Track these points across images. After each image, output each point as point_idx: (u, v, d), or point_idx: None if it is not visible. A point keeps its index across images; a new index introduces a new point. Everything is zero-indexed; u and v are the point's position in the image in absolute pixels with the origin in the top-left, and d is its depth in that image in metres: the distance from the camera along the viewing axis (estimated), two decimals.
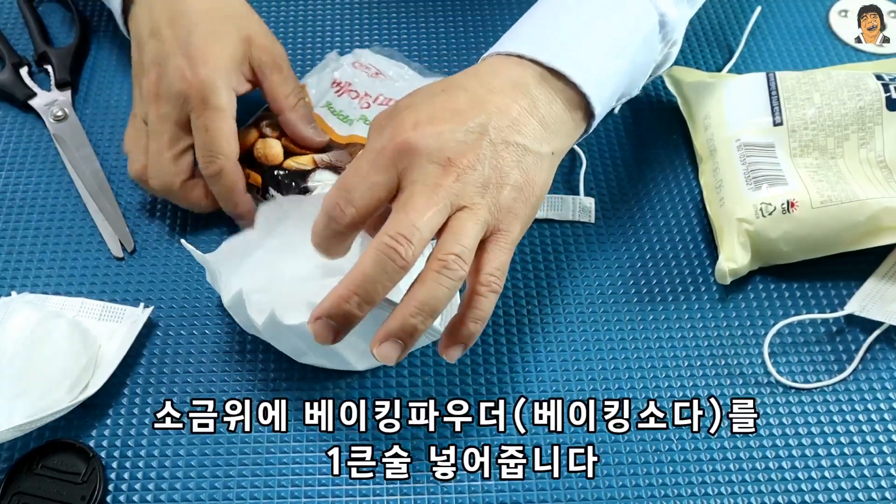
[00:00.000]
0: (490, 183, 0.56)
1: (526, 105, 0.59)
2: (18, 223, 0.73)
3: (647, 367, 0.66)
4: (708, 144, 0.76)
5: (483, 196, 0.56)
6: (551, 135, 0.60)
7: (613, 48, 0.64)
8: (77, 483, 0.60)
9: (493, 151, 0.56)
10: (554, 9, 0.65)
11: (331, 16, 0.89)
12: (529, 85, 0.60)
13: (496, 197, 0.56)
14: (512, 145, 0.57)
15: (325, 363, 0.64)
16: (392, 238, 0.53)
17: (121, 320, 0.67)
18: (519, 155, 0.57)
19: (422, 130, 0.56)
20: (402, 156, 0.55)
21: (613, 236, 0.73)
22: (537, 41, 0.62)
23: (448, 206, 0.55)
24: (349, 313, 0.53)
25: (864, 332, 0.68)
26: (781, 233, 0.68)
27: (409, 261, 0.53)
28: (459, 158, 0.55)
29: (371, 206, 0.56)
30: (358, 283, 0.53)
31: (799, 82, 0.75)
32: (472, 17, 0.89)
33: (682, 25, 0.69)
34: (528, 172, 0.58)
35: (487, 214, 0.56)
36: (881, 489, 0.61)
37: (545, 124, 0.59)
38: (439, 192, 0.54)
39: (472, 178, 0.55)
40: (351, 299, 0.53)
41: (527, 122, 0.58)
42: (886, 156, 0.71)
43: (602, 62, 0.63)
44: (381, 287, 0.53)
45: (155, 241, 0.72)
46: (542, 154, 0.59)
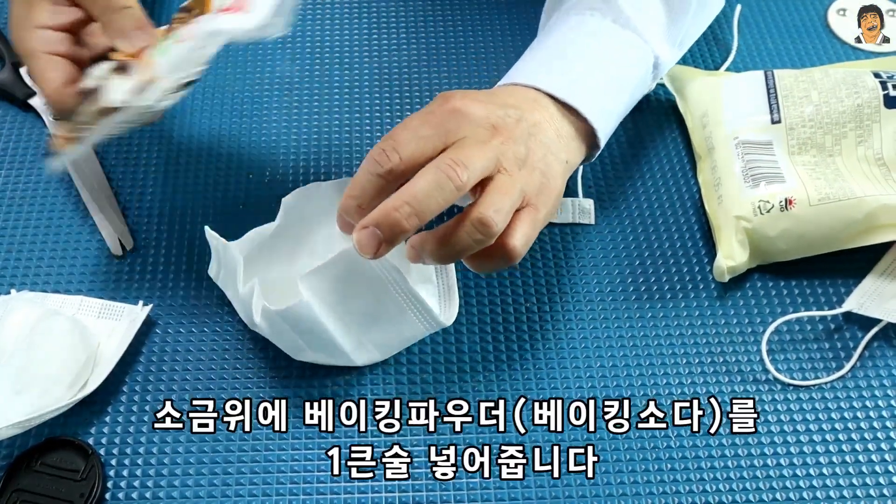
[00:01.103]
0: (526, 162, 0.58)
1: (545, 116, 0.63)
2: (18, 221, 0.73)
3: (647, 365, 0.66)
4: (706, 142, 0.76)
5: (520, 169, 0.58)
6: (564, 145, 0.63)
7: (616, 87, 0.68)
8: (76, 480, 0.60)
9: (527, 137, 0.59)
10: (562, 45, 0.68)
11: (330, 15, 0.89)
12: (546, 105, 0.63)
13: (529, 175, 0.58)
14: (539, 140, 0.60)
15: (322, 358, 0.64)
16: (452, 160, 0.54)
17: (120, 318, 0.67)
18: (544, 150, 0.60)
19: (470, 102, 0.58)
20: (451, 116, 0.57)
21: (611, 235, 0.73)
22: (548, 76, 0.65)
23: (494, 160, 0.56)
24: (397, 223, 0.53)
25: (863, 329, 0.68)
26: (779, 230, 0.68)
27: (465, 184, 0.54)
28: (503, 129, 0.58)
29: (415, 158, 0.56)
30: (412, 195, 0.53)
31: (797, 80, 0.75)
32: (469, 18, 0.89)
33: (671, 66, 0.75)
34: (551, 168, 0.60)
35: (522, 185, 0.57)
36: (879, 486, 0.61)
37: (560, 135, 0.63)
38: (488, 146, 0.56)
39: (513, 149, 0.58)
40: (402, 208, 0.53)
41: (547, 128, 0.62)
42: (884, 153, 0.71)
43: (606, 99, 0.67)
44: (434, 203, 0.53)
45: (154, 240, 0.72)
46: (559, 159, 0.61)
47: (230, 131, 0.79)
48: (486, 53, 0.85)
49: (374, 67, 0.85)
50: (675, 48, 0.72)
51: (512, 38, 0.86)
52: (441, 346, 0.67)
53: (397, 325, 0.62)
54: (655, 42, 0.69)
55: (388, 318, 0.62)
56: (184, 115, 0.80)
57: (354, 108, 0.81)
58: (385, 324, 0.62)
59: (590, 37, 0.68)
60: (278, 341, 0.64)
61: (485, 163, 0.55)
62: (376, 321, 0.62)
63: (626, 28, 0.68)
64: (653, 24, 0.69)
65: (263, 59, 0.85)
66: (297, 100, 0.82)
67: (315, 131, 0.80)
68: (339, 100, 0.82)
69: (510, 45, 0.86)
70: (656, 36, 0.70)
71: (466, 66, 0.84)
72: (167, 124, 0.80)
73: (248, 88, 0.83)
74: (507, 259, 0.57)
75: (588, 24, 0.68)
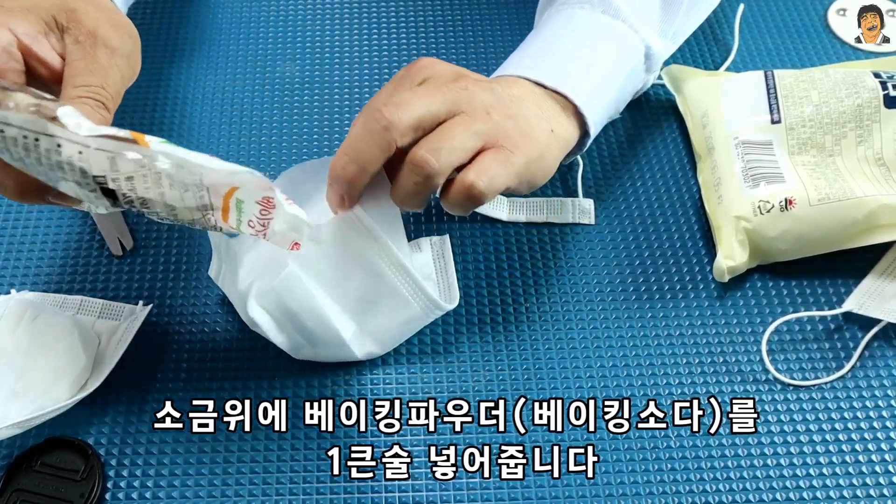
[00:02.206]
0: (495, 109, 0.59)
1: (525, 92, 0.63)
2: (18, 221, 0.73)
3: (647, 365, 0.66)
4: (706, 142, 0.76)
5: (487, 114, 0.58)
6: (547, 116, 0.63)
7: (602, 73, 0.68)
8: (76, 480, 0.60)
9: (499, 93, 0.60)
10: (550, 38, 0.69)
11: (330, 15, 0.89)
12: (529, 87, 0.64)
13: (499, 120, 0.59)
14: (514, 100, 0.61)
15: (321, 354, 0.64)
16: (382, 102, 0.56)
17: (120, 318, 0.67)
18: (520, 108, 0.61)
19: (441, 62, 0.61)
20: (420, 70, 0.60)
21: (611, 235, 0.73)
22: (537, 67, 0.65)
23: (447, 102, 0.57)
24: (341, 174, 0.57)
25: (863, 329, 0.68)
26: (779, 230, 0.68)
27: (393, 123, 0.55)
28: (469, 77, 0.59)
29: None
30: (346, 143, 0.57)
31: (797, 80, 0.75)
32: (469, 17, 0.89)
33: (664, 58, 0.74)
34: (530, 122, 0.60)
35: (483, 125, 0.58)
36: (879, 486, 0.61)
37: (542, 108, 0.63)
38: (443, 90, 0.58)
39: (479, 96, 0.59)
40: (340, 160, 0.56)
41: (526, 99, 0.62)
42: (884, 153, 0.71)
43: (593, 87, 0.66)
44: (366, 147, 0.56)
45: (154, 240, 0.72)
46: (542, 122, 0.62)
47: (230, 131, 0.79)
48: (486, 53, 0.85)
49: (374, 67, 0.85)
50: (669, 40, 0.72)
51: (512, 38, 0.86)
52: (441, 346, 0.67)
53: (393, 307, 0.62)
54: (646, 32, 0.69)
55: (382, 299, 0.62)
56: (184, 115, 0.80)
57: (354, 108, 0.81)
58: (380, 307, 0.62)
59: (577, 28, 0.68)
60: (277, 337, 0.63)
61: (430, 104, 0.56)
62: (371, 305, 0.62)
63: (617, 18, 0.68)
64: (644, 14, 0.69)
65: (264, 59, 0.85)
66: (298, 100, 0.82)
67: (315, 131, 0.80)
68: (340, 100, 0.82)
69: (510, 45, 0.85)
70: (647, 26, 0.69)
71: (466, 66, 0.84)
72: (167, 124, 0.80)
73: (248, 89, 0.83)
74: (466, 196, 0.57)
75: (577, 17, 0.69)
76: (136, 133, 0.51)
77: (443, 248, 0.68)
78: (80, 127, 0.50)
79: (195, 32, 0.87)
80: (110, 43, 0.59)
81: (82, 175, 0.52)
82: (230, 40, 0.87)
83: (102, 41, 0.59)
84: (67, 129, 0.50)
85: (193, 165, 0.51)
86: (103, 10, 0.61)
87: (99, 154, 0.51)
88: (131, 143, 0.51)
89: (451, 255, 0.68)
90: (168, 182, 0.52)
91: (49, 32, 0.59)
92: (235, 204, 0.53)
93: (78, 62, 0.58)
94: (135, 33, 0.63)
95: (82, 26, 0.59)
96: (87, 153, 0.51)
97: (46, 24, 0.58)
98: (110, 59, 0.59)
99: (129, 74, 0.61)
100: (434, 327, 0.68)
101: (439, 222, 0.73)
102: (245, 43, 0.86)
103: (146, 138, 0.51)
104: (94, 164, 0.51)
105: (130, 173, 0.52)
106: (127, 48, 0.60)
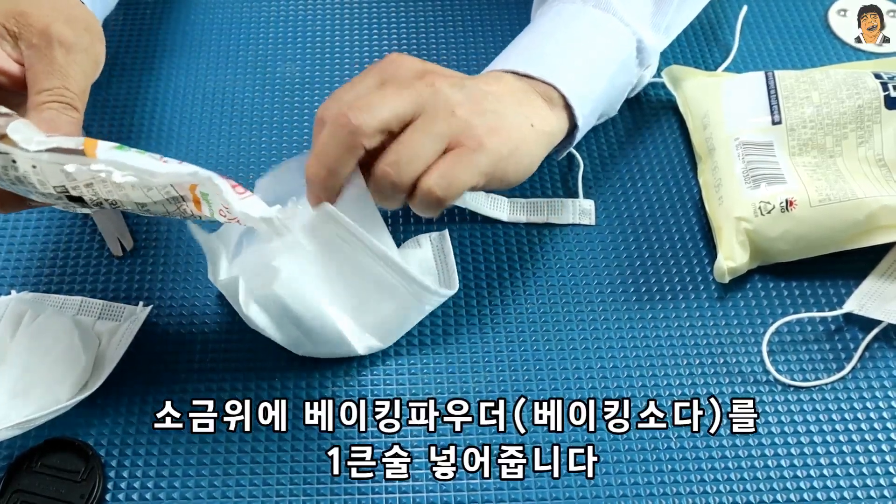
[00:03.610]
0: (461, 106, 0.58)
1: (504, 88, 0.63)
2: (18, 221, 0.73)
3: (647, 366, 0.66)
4: (707, 143, 0.76)
5: (452, 111, 0.58)
6: (527, 110, 0.63)
7: (589, 64, 0.68)
8: (76, 481, 0.60)
9: (472, 89, 0.60)
10: (539, 32, 0.69)
11: (330, 15, 0.89)
12: (509, 80, 0.64)
13: (465, 118, 0.58)
14: (491, 95, 0.61)
15: (322, 350, 0.64)
16: (347, 106, 0.56)
17: (120, 319, 0.67)
18: (495, 103, 0.60)
19: (410, 57, 0.61)
20: (388, 64, 0.60)
21: (612, 236, 0.73)
22: (524, 60, 0.66)
23: (412, 103, 0.57)
24: (314, 178, 0.57)
25: (863, 330, 0.68)
26: (780, 231, 0.68)
27: (359, 127, 0.55)
28: (440, 72, 0.59)
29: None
30: (317, 150, 0.57)
31: (798, 81, 0.75)
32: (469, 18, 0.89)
33: (657, 52, 0.74)
34: (504, 118, 0.60)
35: (445, 126, 0.57)
36: (880, 487, 0.61)
37: (521, 103, 0.63)
38: (408, 89, 0.57)
39: (444, 93, 0.58)
40: (312, 165, 0.57)
41: (502, 95, 0.62)
42: (885, 154, 0.71)
43: (580, 76, 0.66)
44: (333, 151, 0.56)
45: (154, 240, 0.72)
46: (519, 116, 0.62)
47: (230, 131, 0.79)
48: (487, 53, 0.85)
49: None
50: (662, 33, 0.72)
51: (512, 38, 0.86)
52: (441, 346, 0.67)
53: (382, 295, 0.62)
54: (638, 25, 0.69)
55: (371, 289, 0.62)
56: (184, 115, 0.80)
57: None
58: (371, 298, 0.62)
59: (567, 21, 0.68)
60: (277, 334, 0.63)
61: (396, 106, 0.56)
62: (362, 298, 0.62)
63: (607, 11, 0.68)
64: (636, 8, 0.70)
65: (264, 59, 0.85)
66: (298, 100, 0.82)
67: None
68: None
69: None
70: (639, 20, 0.69)
71: (466, 66, 0.84)
72: (167, 124, 0.80)
73: (248, 89, 0.83)
74: (426, 201, 0.57)
75: (567, 11, 0.69)
76: (89, 140, 0.51)
77: (442, 243, 0.68)
78: (29, 142, 0.50)
79: (195, 32, 0.87)
80: (65, 40, 0.58)
81: (42, 186, 0.52)
82: (230, 40, 0.87)
83: (57, 40, 0.58)
84: (17, 144, 0.50)
85: (141, 172, 0.51)
86: (57, 6, 0.60)
87: (52, 167, 0.51)
88: (78, 155, 0.51)
89: (451, 249, 0.67)
90: (130, 185, 0.52)
91: (1, 40, 0.58)
92: (202, 196, 0.54)
93: (36, 66, 0.57)
94: (94, 24, 0.61)
95: (33, 28, 0.58)
96: (41, 167, 0.52)
97: None
98: (67, 57, 0.58)
99: (92, 68, 0.60)
100: (434, 327, 0.68)
101: (439, 221, 0.73)
102: (245, 43, 0.86)
103: (97, 147, 0.51)
104: (50, 176, 0.52)
105: (88, 180, 0.52)
106: (83, 42, 0.59)
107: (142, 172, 0.52)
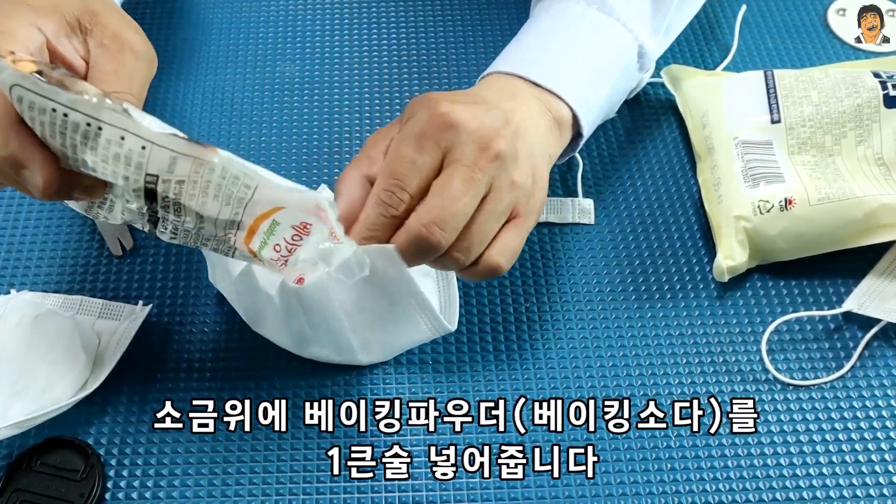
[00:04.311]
0: (516, 169, 0.58)
1: (525, 113, 0.62)
2: (18, 221, 0.73)
3: (647, 365, 0.66)
4: (706, 142, 0.76)
5: (512, 182, 0.58)
6: (545, 140, 0.63)
7: (597, 73, 0.67)
8: (76, 480, 0.60)
9: (514, 139, 0.59)
10: (542, 32, 0.69)
11: (330, 15, 0.89)
12: (526, 98, 0.63)
13: (520, 185, 0.58)
14: (525, 140, 0.60)
15: (326, 354, 0.64)
16: (426, 228, 0.54)
17: (120, 318, 0.67)
18: (530, 149, 0.60)
19: (459, 109, 0.57)
20: (444, 132, 0.56)
21: (611, 235, 0.73)
22: (529, 63, 0.65)
23: (483, 188, 0.56)
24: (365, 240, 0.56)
25: (862, 329, 0.68)
26: (779, 230, 0.68)
27: (443, 247, 0.55)
28: (495, 141, 0.57)
29: (421, 188, 0.56)
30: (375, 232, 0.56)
31: (797, 80, 0.75)
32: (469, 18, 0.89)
33: (657, 55, 0.74)
34: (538, 168, 0.60)
35: (508, 201, 0.57)
36: (879, 486, 0.61)
37: (540, 131, 0.62)
38: (477, 176, 0.56)
39: (507, 165, 0.57)
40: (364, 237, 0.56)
41: (530, 125, 0.61)
42: (884, 153, 0.71)
43: (586, 85, 0.66)
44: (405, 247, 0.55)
45: (154, 240, 0.72)
46: (544, 155, 0.62)
47: (230, 131, 0.79)
48: (487, 53, 0.85)
49: (374, 67, 0.85)
50: (661, 36, 0.72)
51: (512, 37, 0.86)
52: (441, 346, 0.67)
53: (405, 328, 0.62)
54: (639, 30, 0.69)
55: (397, 320, 0.61)
56: (184, 115, 0.80)
57: (354, 109, 0.81)
58: (393, 325, 0.62)
59: (571, 24, 0.68)
60: (286, 331, 0.63)
61: (470, 202, 0.55)
62: (385, 323, 0.62)
63: (610, 16, 0.68)
64: (636, 11, 0.70)
65: (263, 59, 0.85)
66: (298, 100, 0.82)
67: (315, 132, 0.80)
68: (339, 100, 0.82)
69: None
70: (640, 24, 0.69)
71: (466, 66, 0.85)
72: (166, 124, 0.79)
73: (248, 89, 0.83)
74: (490, 274, 0.58)
75: (570, 11, 0.69)
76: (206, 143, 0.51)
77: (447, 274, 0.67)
78: (150, 122, 0.50)
79: (195, 32, 0.87)
80: (136, 47, 0.58)
81: (136, 170, 0.51)
82: (230, 40, 0.87)
83: (128, 45, 0.58)
84: (138, 122, 0.50)
85: (253, 173, 0.50)
86: (120, 14, 0.60)
87: (161, 152, 0.51)
88: (203, 148, 0.50)
89: (455, 275, 0.67)
90: (214, 192, 0.51)
91: (72, 34, 0.58)
92: (269, 226, 0.53)
93: (105, 66, 0.57)
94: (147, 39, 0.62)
95: (107, 30, 0.58)
96: (150, 149, 0.50)
97: (70, 26, 0.58)
98: (135, 64, 0.58)
99: (149, 78, 0.60)
100: None
101: None
102: (245, 43, 0.86)
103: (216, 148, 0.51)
104: (154, 161, 0.51)
105: (183, 177, 0.51)
106: (150, 53, 0.60)
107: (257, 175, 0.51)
